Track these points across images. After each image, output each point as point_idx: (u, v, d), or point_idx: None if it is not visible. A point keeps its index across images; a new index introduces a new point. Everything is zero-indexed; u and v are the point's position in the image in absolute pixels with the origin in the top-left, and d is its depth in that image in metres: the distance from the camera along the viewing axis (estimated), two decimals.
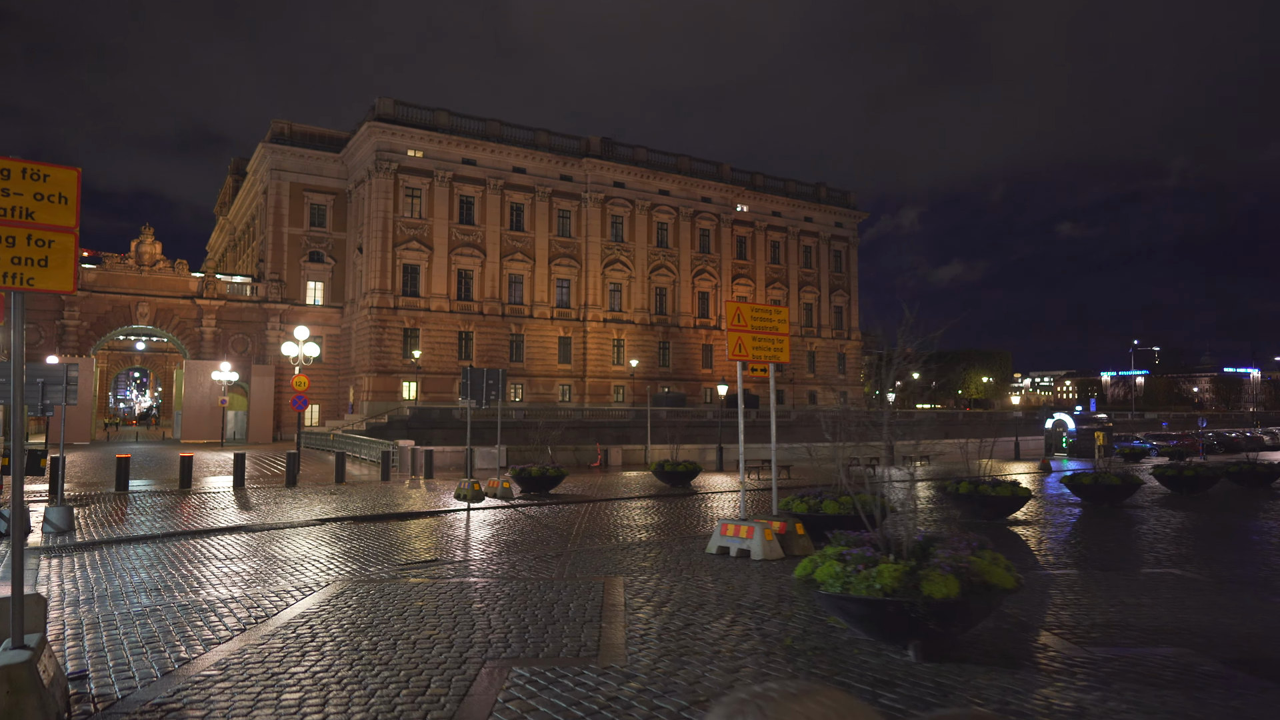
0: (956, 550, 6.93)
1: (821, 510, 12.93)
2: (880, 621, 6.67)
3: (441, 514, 19.26)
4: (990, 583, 6.55)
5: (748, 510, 12.97)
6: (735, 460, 40.54)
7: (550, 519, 18.10)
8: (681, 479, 26.64)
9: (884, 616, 6.57)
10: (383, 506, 20.24)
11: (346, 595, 9.74)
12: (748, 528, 11.99)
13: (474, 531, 16.07)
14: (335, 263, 68.67)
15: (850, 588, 6.64)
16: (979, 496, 16.40)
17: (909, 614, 6.36)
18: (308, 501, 21.20)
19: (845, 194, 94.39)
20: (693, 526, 16.91)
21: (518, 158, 70.15)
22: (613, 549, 13.44)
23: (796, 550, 12.20)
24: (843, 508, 12.83)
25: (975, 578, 6.52)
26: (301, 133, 68.32)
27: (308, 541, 14.72)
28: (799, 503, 13.31)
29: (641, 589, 9.93)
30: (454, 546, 14.13)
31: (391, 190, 64.12)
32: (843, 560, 6.96)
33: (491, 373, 23.01)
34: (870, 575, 6.58)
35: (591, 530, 16.13)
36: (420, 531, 16.21)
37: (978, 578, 6.53)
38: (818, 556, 7.38)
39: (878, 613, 6.56)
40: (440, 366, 65.30)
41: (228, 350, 61.93)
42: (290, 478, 25.96)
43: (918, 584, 6.41)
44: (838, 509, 12.82)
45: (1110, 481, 20.13)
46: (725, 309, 12.26)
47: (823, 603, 7.27)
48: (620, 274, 75.01)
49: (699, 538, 14.74)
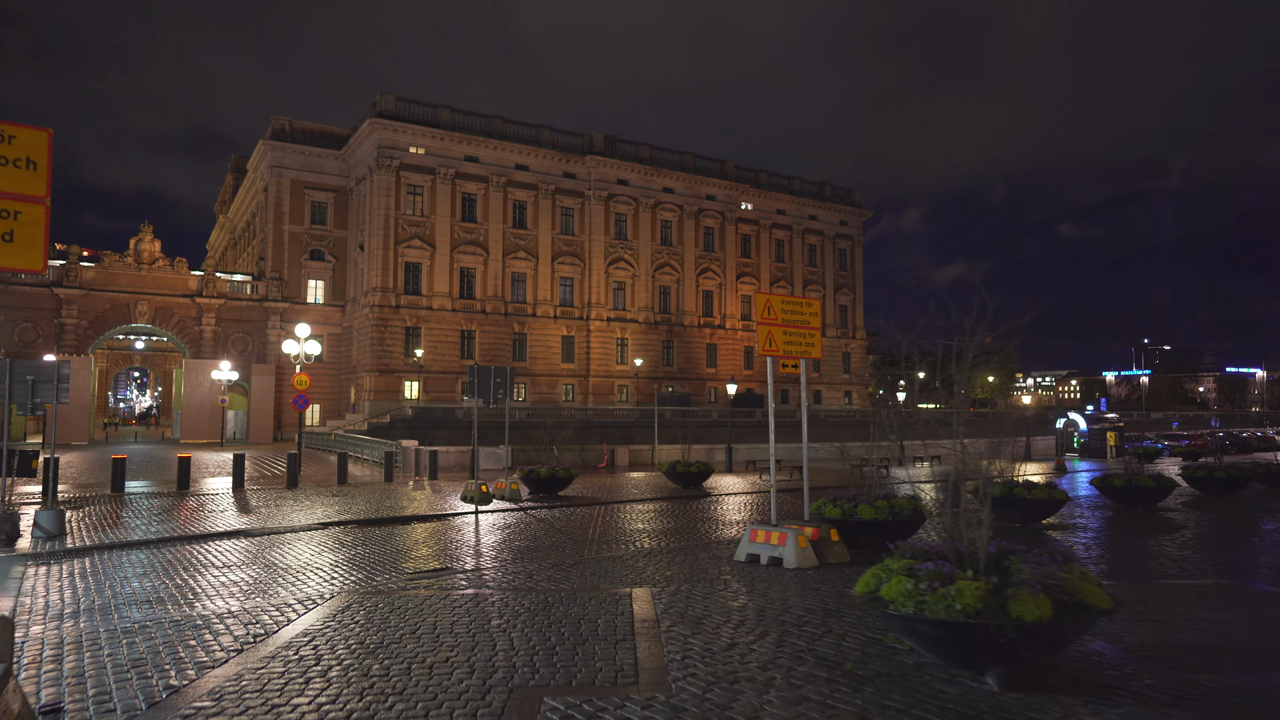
0: (1042, 565, 6.17)
1: (856, 515, 12.15)
2: (960, 646, 5.91)
3: (448, 517, 18.51)
4: (1086, 603, 5.79)
5: (778, 515, 12.17)
6: (744, 461, 39.84)
7: (563, 523, 17.34)
8: (694, 480, 25.88)
9: (965, 641, 5.81)
10: (387, 509, 19.48)
11: (353, 609, 8.99)
12: (779, 534, 11.23)
13: (484, 536, 15.32)
14: (336, 261, 67.91)
15: (925, 608, 5.88)
16: (1013, 499, 15.61)
17: (996, 638, 5.60)
18: (309, 504, 20.45)
19: (850, 192, 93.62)
20: (714, 531, 16.15)
21: (520, 155, 69.37)
22: (633, 556, 12.67)
23: (831, 558, 11.44)
24: (878, 512, 12.06)
25: (1068, 597, 5.76)
26: (302, 130, 67.57)
27: (310, 547, 13.96)
28: (832, 507, 12.53)
29: (673, 602, 9.17)
30: (464, 553, 13.37)
31: (393, 187, 63.36)
32: (913, 576, 6.20)
33: (499, 371, 22.27)
34: (948, 594, 5.82)
35: (608, 535, 15.37)
36: (427, 536, 15.46)
37: (1071, 597, 5.77)
38: (880, 570, 6.61)
39: (958, 636, 5.80)
40: (442, 366, 64.53)
41: (228, 349, 61.18)
42: (291, 479, 25.20)
43: (1004, 604, 5.66)
44: (873, 514, 12.04)
45: (1144, 484, 19.38)
46: (755, 300, 11.49)
47: (891, 623, 6.50)
48: (624, 272, 74.25)
49: (723, 543, 13.97)
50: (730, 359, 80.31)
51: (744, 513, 19.65)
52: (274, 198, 65.27)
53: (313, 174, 67.42)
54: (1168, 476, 20.36)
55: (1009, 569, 6.21)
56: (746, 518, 18.58)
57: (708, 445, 46.75)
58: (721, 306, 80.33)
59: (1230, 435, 65.86)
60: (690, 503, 21.98)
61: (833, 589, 9.87)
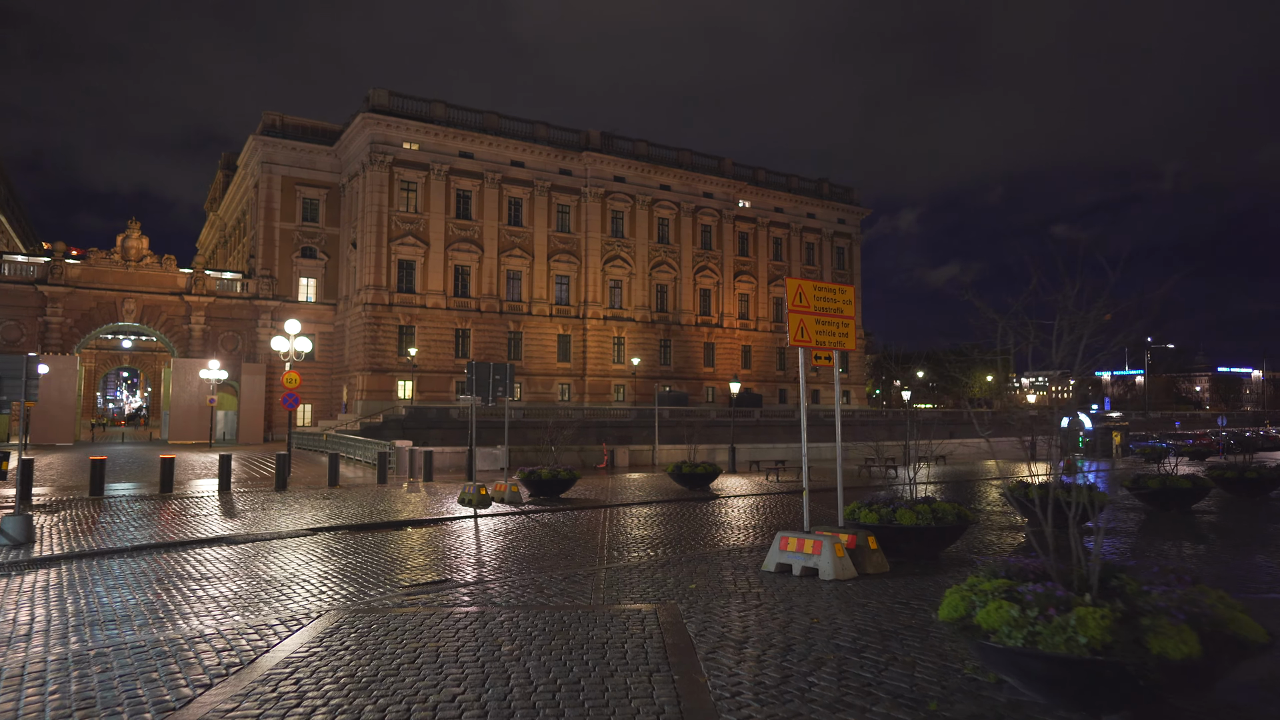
0: (1170, 586, 5.15)
1: (895, 521, 11.11)
2: (1081, 686, 4.87)
3: (445, 522, 17.43)
4: (1238, 635, 4.77)
5: (811, 520, 11.13)
6: (747, 461, 38.77)
7: (569, 528, 16.28)
8: (700, 482, 24.85)
9: (1090, 681, 4.77)
10: (380, 513, 18.39)
11: (343, 631, 7.92)
12: (814, 542, 10.19)
13: (485, 543, 14.25)
14: (328, 259, 66.71)
15: (1040, 641, 4.84)
16: (1055, 502, 14.54)
17: (1134, 680, 4.58)
18: (298, 508, 19.34)
19: (848, 190, 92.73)
20: (731, 536, 15.12)
21: (516, 151, 68.26)
22: (650, 566, 11.61)
23: (870, 568, 10.39)
24: (920, 518, 11.02)
25: (1215, 628, 4.74)
26: (294, 125, 66.35)
27: (297, 556, 12.88)
28: (868, 512, 11.48)
29: (706, 622, 8.12)
30: (465, 562, 12.30)
31: (386, 184, 62.19)
32: (1017, 601, 5.17)
33: (499, 367, 21.19)
34: (1067, 624, 4.78)
35: (619, 541, 14.31)
36: (423, 543, 14.39)
37: (1219, 628, 4.75)
38: (968, 593, 5.57)
39: (1081, 676, 4.77)
40: (436, 365, 63.38)
41: (217, 348, 59.92)
42: (280, 481, 24.09)
43: (1139, 637, 4.63)
44: (914, 519, 11.00)
45: (1179, 485, 18.41)
46: (786, 285, 10.48)
47: (988, 657, 5.45)
48: (620, 270, 73.18)
49: (746, 551, 12.93)
50: (728, 358, 79.30)
51: (758, 517, 18.62)
52: (265, 194, 64.04)
53: (304, 170, 66.21)
54: (1201, 478, 19.40)
55: (1124, 590, 5.19)
56: (762, 522, 17.55)
57: (707, 445, 45.72)
58: (719, 305, 79.34)
59: (1234, 435, 65.09)
60: (699, 505, 20.93)
61: (881, 605, 8.82)
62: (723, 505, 21.05)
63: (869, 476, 31.42)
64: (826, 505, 19.66)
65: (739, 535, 15.32)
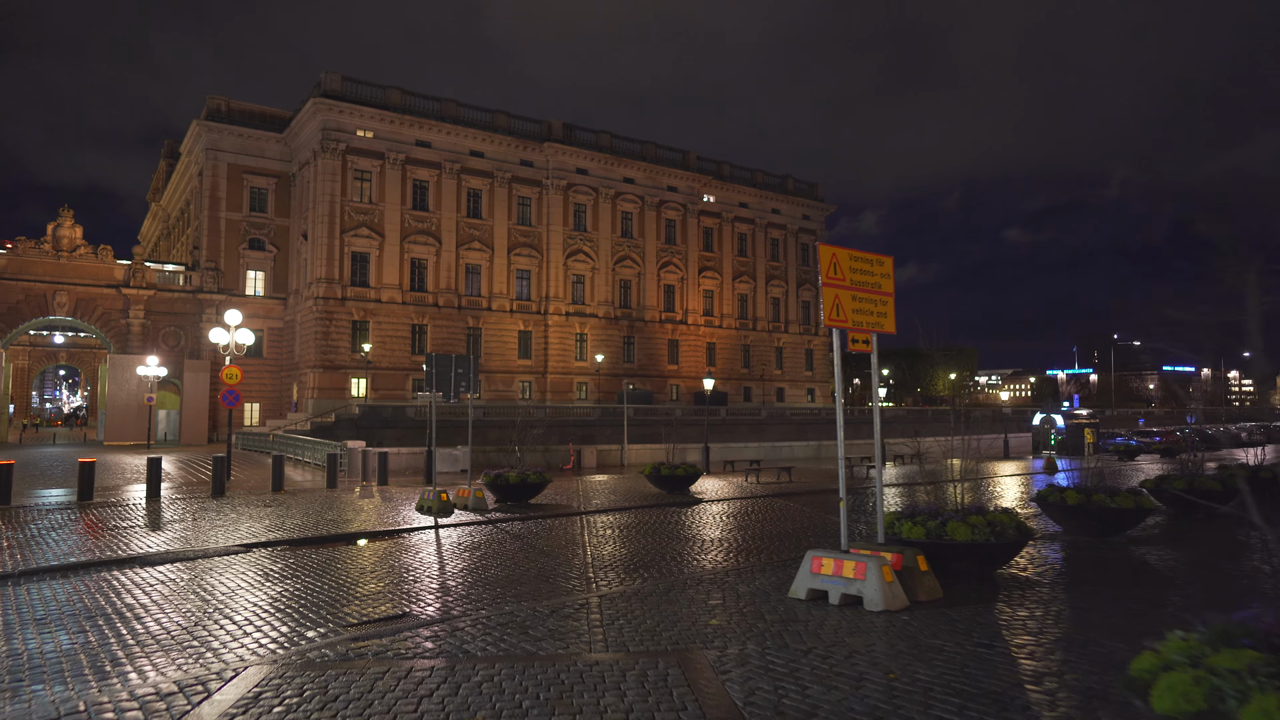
0: None
1: (947, 536, 9.31)
2: None
3: (402, 534, 15.33)
4: None
5: (851, 534, 9.26)
6: (720, 461, 36.94)
7: (544, 541, 14.30)
8: (680, 484, 22.98)
9: None
10: (329, 524, 16.22)
11: (269, 697, 5.89)
12: (856, 564, 8.36)
13: (449, 561, 12.22)
14: (278, 251, 63.66)
15: None
16: (1092, 508, 12.91)
17: None
18: (235, 517, 17.09)
19: (812, 186, 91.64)
20: (731, 549, 13.26)
21: (475, 140, 65.82)
22: (652, 591, 9.68)
23: (921, 594, 8.58)
24: (976, 532, 9.22)
25: None
26: (240, 110, 63.16)
27: (225, 580, 10.74)
28: (911, 525, 9.65)
29: (749, 680, 6.22)
30: (426, 588, 10.27)
31: (339, 172, 59.39)
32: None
33: (461, 360, 19.11)
34: None
35: (605, 557, 12.37)
36: (377, 561, 12.32)
37: None
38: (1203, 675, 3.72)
39: None
40: (392, 362, 60.75)
41: (158, 344, 56.65)
42: (217, 486, 21.73)
43: None
44: (970, 534, 9.20)
45: (1208, 487, 16.93)
46: (819, 254, 8.64)
47: None
48: (583, 265, 71.10)
49: (758, 570, 11.05)
50: (692, 356, 77.65)
51: (752, 524, 16.78)
52: (209, 182, 60.83)
53: (252, 158, 63.06)
54: (1230, 479, 18.00)
55: None
56: (760, 532, 15.72)
57: (674, 444, 43.93)
58: (683, 301, 77.63)
59: (1198, 432, 65.00)
60: (683, 512, 19.05)
61: (962, 649, 6.99)
62: (708, 511, 19.18)
63: (852, 478, 29.81)
64: (820, 510, 17.90)
65: (740, 548, 13.47)
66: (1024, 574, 10.21)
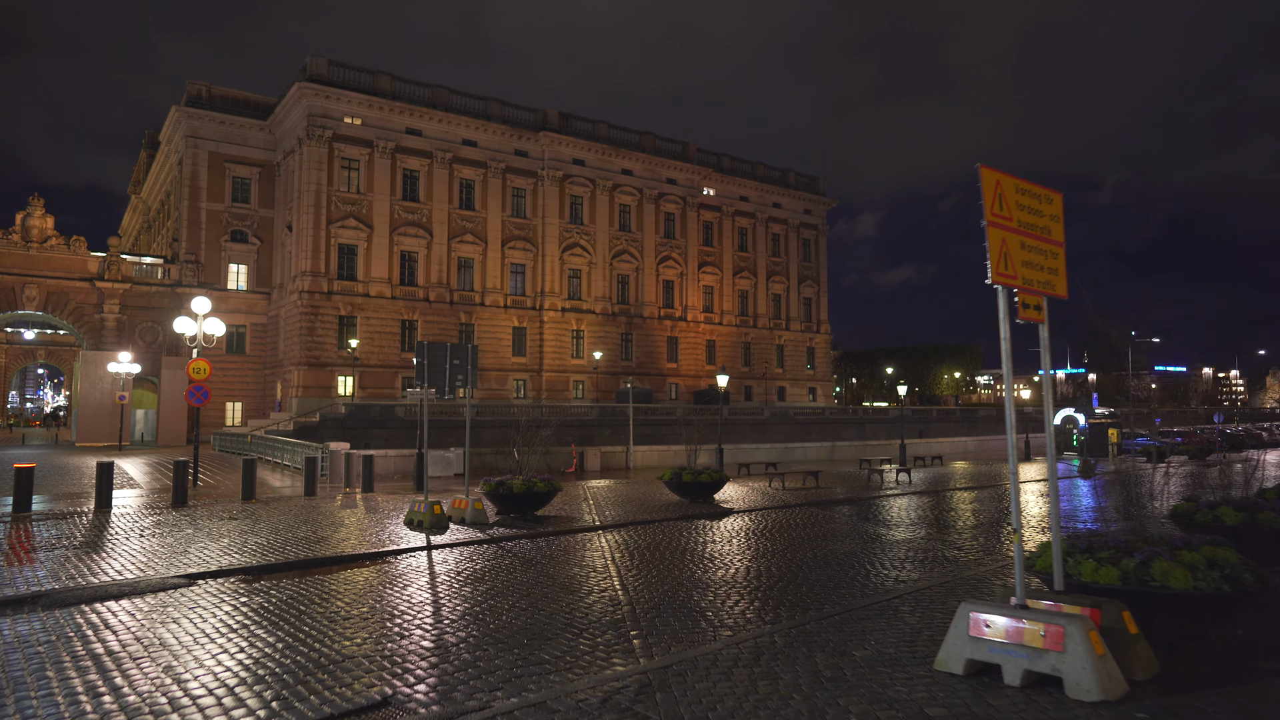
0: None
1: (1153, 580, 6.67)
2: None
3: (388, 557, 12.79)
4: None
5: (1023, 582, 6.64)
6: (735, 464, 34.41)
7: (563, 567, 11.78)
8: (704, 491, 20.50)
9: None
10: (300, 544, 13.65)
11: None
12: (1046, 627, 5.83)
13: (447, 601, 9.69)
14: (261, 243, 60.93)
15: None
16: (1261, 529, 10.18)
17: None
18: (190, 534, 14.51)
19: (814, 180, 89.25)
20: (802, 580, 10.76)
21: (468, 129, 63.19)
22: (733, 663, 7.15)
23: (1138, 670, 6.03)
24: (1199, 577, 6.58)
25: None
26: (222, 97, 60.39)
27: (148, 636, 8.19)
28: (1093, 563, 6.98)
29: None
30: (418, 647, 7.73)
31: (325, 161, 56.70)
32: None
33: (458, 350, 16.57)
34: None
35: (648, 597, 9.84)
36: (355, 599, 9.79)
37: None
38: None
39: None
40: (381, 359, 58.07)
41: (134, 340, 53.86)
42: (178, 495, 19.12)
43: None
44: (1189, 580, 6.56)
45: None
46: (982, 177, 6.15)
47: None
48: (580, 259, 68.52)
49: (867, 616, 8.56)
50: (692, 353, 75.17)
51: (801, 542, 14.29)
52: (189, 171, 58.06)
53: (234, 146, 60.31)
54: None
55: None
56: (819, 554, 13.23)
57: (675, 446, 41.39)
58: (683, 297, 75.14)
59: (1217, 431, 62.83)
60: (714, 526, 16.54)
61: None
62: (743, 525, 16.67)
63: (880, 483, 27.38)
64: (871, 522, 15.24)
65: (808, 577, 10.97)
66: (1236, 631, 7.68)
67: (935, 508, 19.89)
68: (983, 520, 17.42)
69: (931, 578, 10.88)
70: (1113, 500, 20.20)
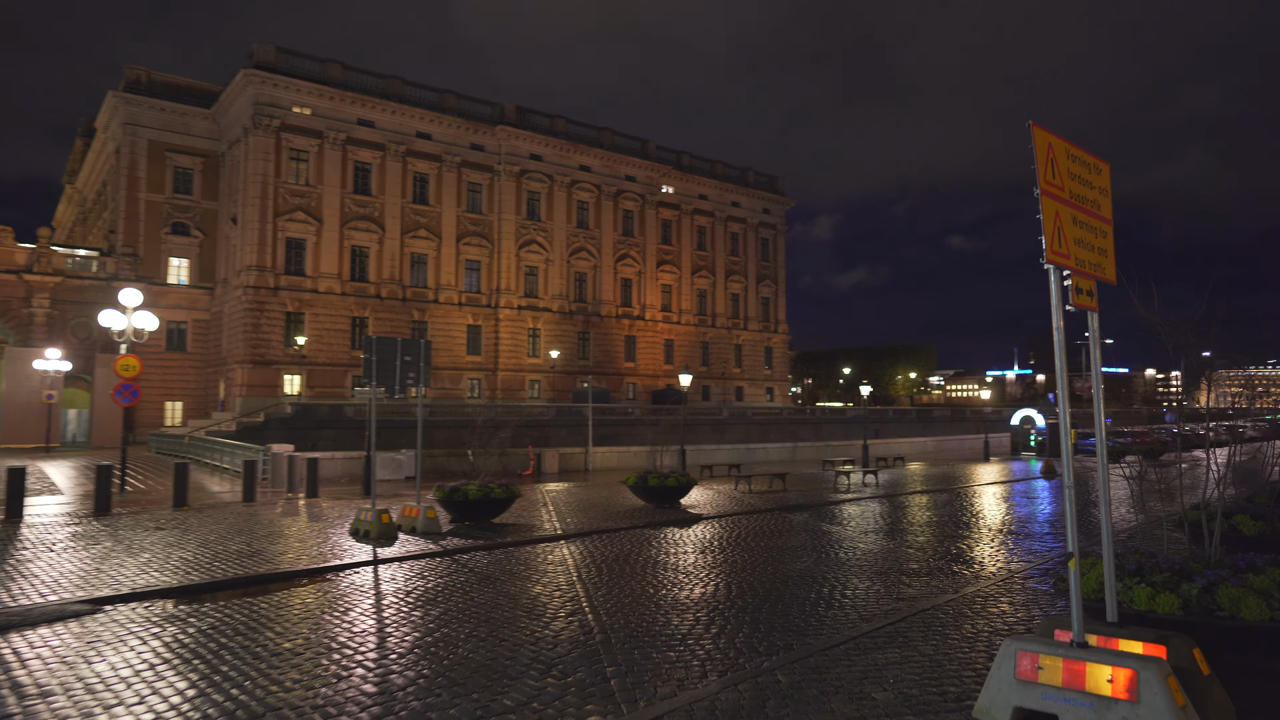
0: None
1: (1220, 609, 5.73)
2: None
3: (330, 574, 11.50)
4: None
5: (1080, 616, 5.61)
6: (698, 466, 33.42)
7: (525, 586, 10.61)
8: (670, 496, 19.44)
9: None
10: (231, 559, 12.29)
11: None
12: (1114, 670, 4.84)
13: (394, 630, 8.48)
14: (204, 236, 58.52)
15: None
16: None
17: None
18: (109, 547, 13.05)
19: (773, 179, 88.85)
20: (792, 598, 9.74)
21: (423, 121, 61.42)
22: (730, 704, 6.09)
23: (1213, 718, 5.11)
24: (1273, 606, 5.65)
25: None
26: (164, 83, 57.83)
27: (35, 679, 6.88)
28: (1158, 594, 6.01)
29: None
30: (358, 695, 6.53)
31: (272, 151, 54.57)
32: None
33: (409, 345, 15.31)
34: None
35: (622, 622, 8.74)
36: (288, 628, 8.53)
37: None
38: None
39: None
40: (330, 357, 56.09)
41: (65, 336, 51.25)
42: (100, 503, 17.54)
43: None
44: (1267, 610, 5.63)
45: None
46: (1034, 138, 5.15)
47: None
48: (537, 256, 67.10)
49: (877, 646, 7.56)
50: (650, 353, 74.18)
51: (782, 552, 13.29)
52: (127, 160, 55.47)
53: (176, 135, 57.80)
54: None
55: None
56: (805, 568, 12.24)
57: (634, 447, 40.39)
58: (641, 296, 74.10)
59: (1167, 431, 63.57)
60: (683, 533, 15.48)
61: None
62: (714, 532, 15.63)
63: (848, 485, 26.59)
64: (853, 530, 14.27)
65: (797, 594, 9.95)
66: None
67: (911, 512, 19.08)
68: (966, 526, 16.60)
69: (932, 595, 9.93)
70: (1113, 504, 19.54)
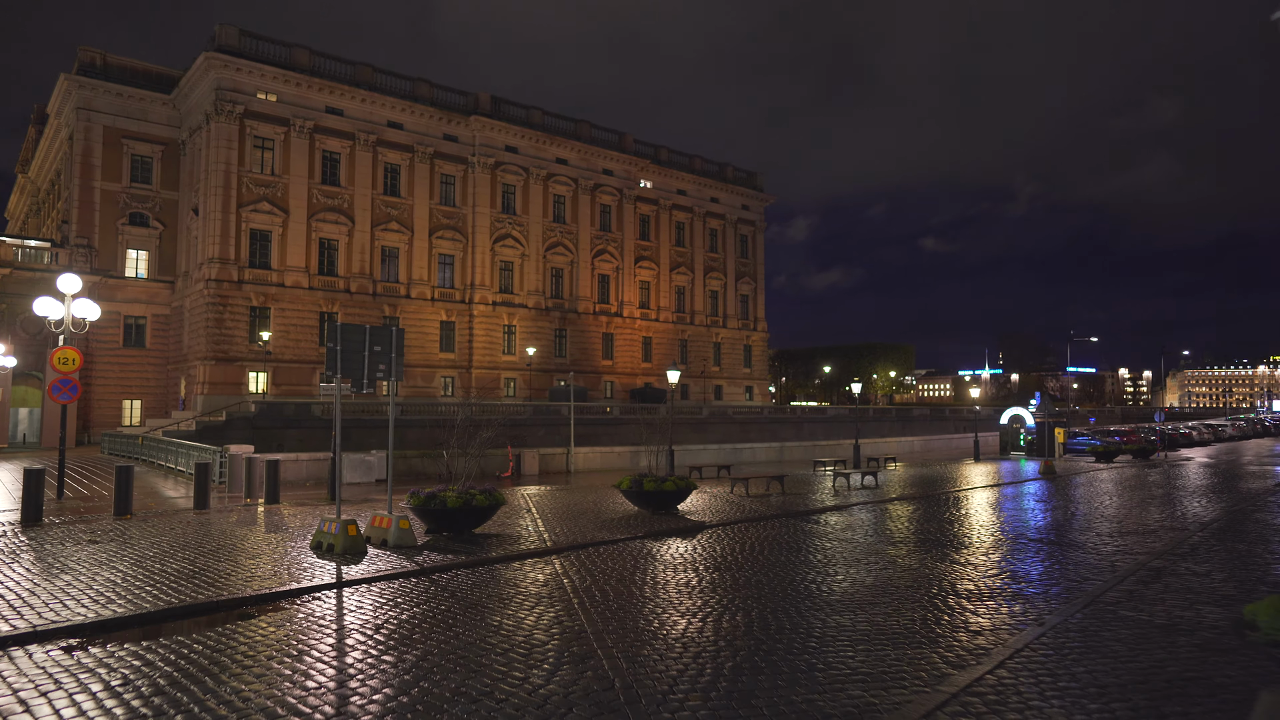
0: None
1: None
2: None
3: (285, 600, 9.73)
4: None
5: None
6: (685, 467, 31.84)
7: (516, 616, 8.91)
8: (667, 501, 17.81)
9: None
10: (167, 583, 10.46)
11: None
12: None
13: (358, 682, 6.76)
14: (164, 227, 56.00)
15: None
16: None
17: None
18: (29, 566, 11.16)
19: (752, 175, 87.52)
20: (854, 628, 8.13)
21: (394, 110, 59.27)
22: None
23: None
24: None
25: None
26: (119, 66, 55.23)
27: None
28: None
29: None
30: None
31: (236, 139, 52.22)
32: None
33: (379, 333, 13.55)
34: None
35: (650, 668, 7.09)
36: (223, 681, 6.79)
37: None
38: None
39: None
40: (297, 353, 53.85)
41: (14, 331, 48.58)
42: (29, 512, 15.57)
43: None
44: None
45: None
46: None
47: None
48: (512, 251, 65.18)
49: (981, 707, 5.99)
50: (628, 350, 72.54)
51: (807, 567, 11.70)
52: (81, 147, 52.86)
53: (134, 121, 55.22)
54: None
55: None
56: (844, 592, 10.66)
57: (616, 447, 38.82)
58: (619, 292, 72.43)
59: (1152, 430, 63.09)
60: (688, 545, 13.84)
61: None
62: (727, 546, 14.01)
63: (848, 488, 25.11)
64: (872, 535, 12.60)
65: (865, 624, 8.35)
66: None
67: (931, 518, 17.58)
68: (1003, 533, 15.11)
69: (1013, 625, 8.37)
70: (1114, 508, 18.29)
